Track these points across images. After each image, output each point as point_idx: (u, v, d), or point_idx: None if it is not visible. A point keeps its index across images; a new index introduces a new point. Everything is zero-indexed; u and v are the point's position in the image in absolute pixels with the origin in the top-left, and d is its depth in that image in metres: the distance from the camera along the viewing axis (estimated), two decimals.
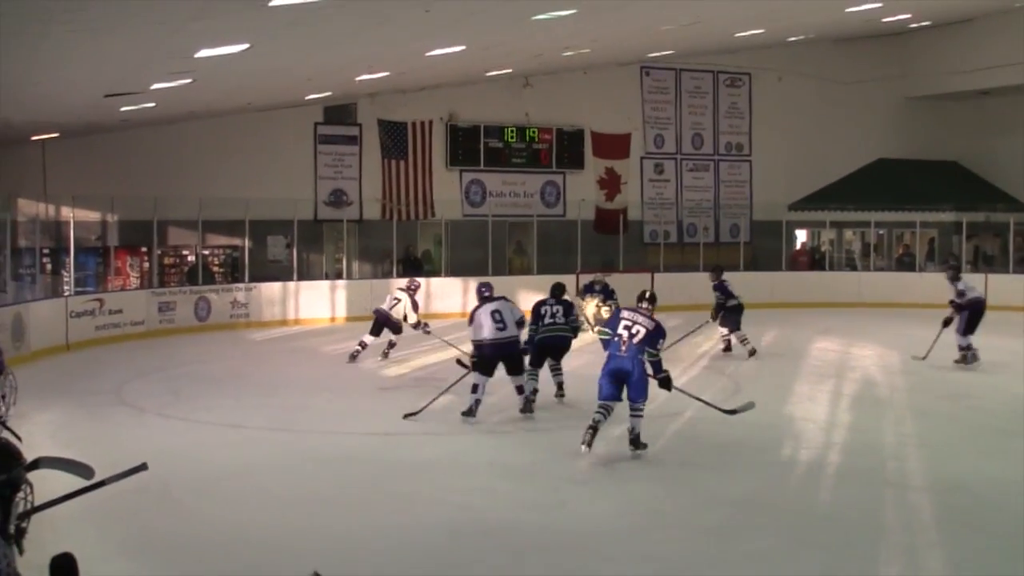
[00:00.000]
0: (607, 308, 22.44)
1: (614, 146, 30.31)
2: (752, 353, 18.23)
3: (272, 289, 23.98)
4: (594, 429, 10.89)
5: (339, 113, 26.96)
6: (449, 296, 25.50)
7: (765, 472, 10.51)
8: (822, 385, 15.70)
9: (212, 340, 21.08)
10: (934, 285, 25.25)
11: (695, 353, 19.14)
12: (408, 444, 11.72)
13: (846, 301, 27.43)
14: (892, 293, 27.61)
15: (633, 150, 30.63)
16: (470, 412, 12.81)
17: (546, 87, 28.92)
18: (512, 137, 28.81)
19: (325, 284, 24.99)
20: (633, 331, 11.03)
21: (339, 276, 26.11)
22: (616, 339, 11.08)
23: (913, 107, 33.22)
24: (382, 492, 9.69)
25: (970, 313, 17.09)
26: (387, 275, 25.94)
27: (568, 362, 14.82)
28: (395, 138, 27.44)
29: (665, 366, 11.27)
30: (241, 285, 23.65)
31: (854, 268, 31.83)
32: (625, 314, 11.31)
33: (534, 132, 29.04)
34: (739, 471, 10.51)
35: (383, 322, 18.13)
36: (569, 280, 23.32)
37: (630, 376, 10.99)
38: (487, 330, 13.17)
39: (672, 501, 9.39)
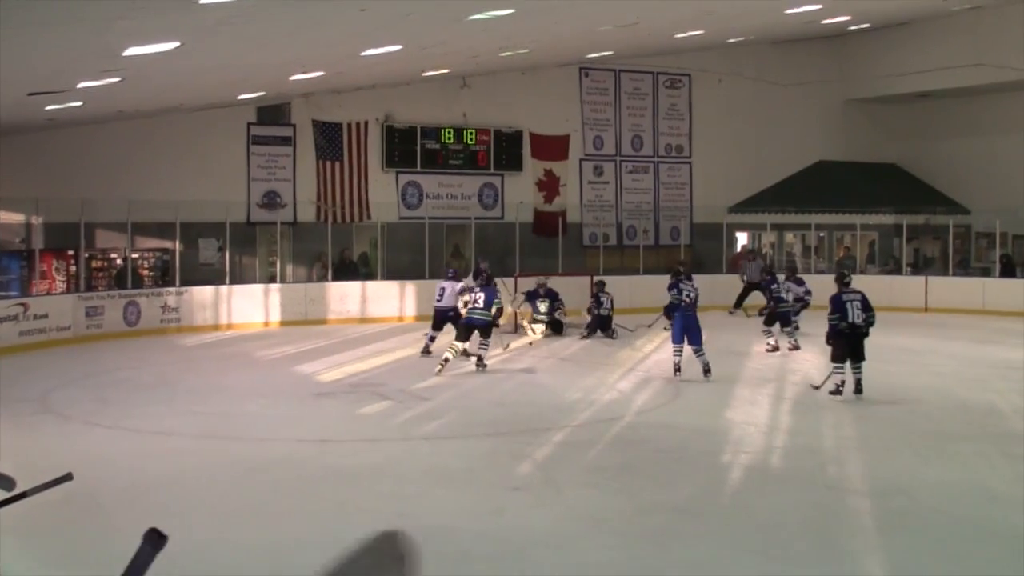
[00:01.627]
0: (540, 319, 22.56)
1: (553, 148, 30.39)
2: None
3: (204, 293, 23.76)
4: (679, 365, 16.45)
5: (272, 113, 26.79)
6: (385, 300, 25.44)
7: (705, 477, 10.59)
8: (763, 389, 15.83)
9: (142, 346, 20.87)
10: (874, 288, 25.57)
11: (636, 356, 19.28)
12: (343, 451, 11.68)
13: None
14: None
15: (572, 152, 30.72)
16: (424, 351, 18.67)
17: (484, 88, 28.95)
18: (449, 138, 28.78)
19: (258, 288, 24.81)
20: (693, 296, 16.64)
21: (272, 280, 25.90)
22: (683, 303, 16.51)
23: (853, 109, 33.67)
24: (316, 500, 9.65)
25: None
26: (321, 279, 25.84)
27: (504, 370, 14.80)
28: (330, 139, 27.33)
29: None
30: (172, 289, 23.41)
31: (794, 271, 32.12)
32: (683, 284, 16.71)
33: (472, 133, 29.03)
34: (679, 476, 10.58)
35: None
36: (508, 283, 23.36)
37: (694, 326, 16.44)
38: (435, 299, 19.00)
39: (611, 508, 9.42)
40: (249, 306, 24.20)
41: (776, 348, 19.72)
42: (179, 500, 9.65)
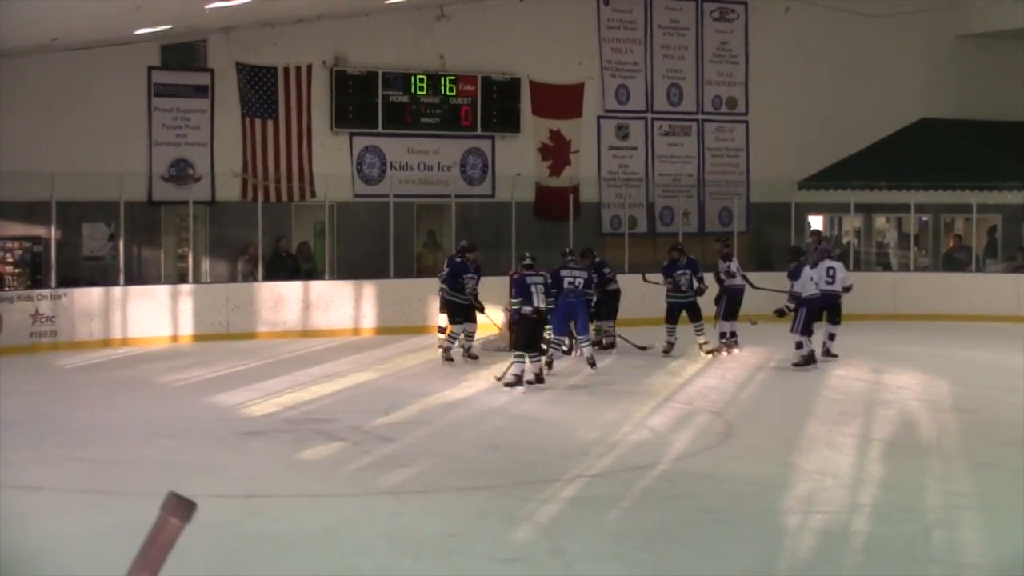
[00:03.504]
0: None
1: (561, 101, 30.38)
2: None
3: (89, 297, 23.72)
4: (552, 361, 19.80)
5: (182, 54, 26.74)
6: (335, 306, 25.37)
7: (766, 546, 10.54)
8: (844, 427, 15.81)
9: (3, 367, 20.79)
10: (996, 290, 25.65)
11: (674, 382, 19.26)
12: (278, 509, 11.65)
13: (877, 311, 27.70)
14: (939, 301, 27.89)
15: (587, 107, 30.72)
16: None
17: (468, 20, 28.96)
18: (421, 88, 28.72)
19: (163, 290, 24.78)
20: (578, 284, 20.05)
21: (183, 279, 25.87)
22: (567, 289, 19.86)
23: (968, 49, 33.61)
24: None
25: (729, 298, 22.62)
26: (248, 278, 25.77)
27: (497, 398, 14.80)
28: (260, 89, 27.27)
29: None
30: (45, 291, 23.35)
31: (888, 267, 32.13)
32: (564, 271, 19.99)
33: (451, 82, 29.00)
34: (730, 544, 10.54)
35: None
36: (501, 284, 23.32)
37: (581, 311, 20.25)
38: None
39: None
40: (151, 314, 24.14)
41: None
42: None
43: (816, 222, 32.53)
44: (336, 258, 27.07)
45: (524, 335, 18.51)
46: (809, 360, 20.31)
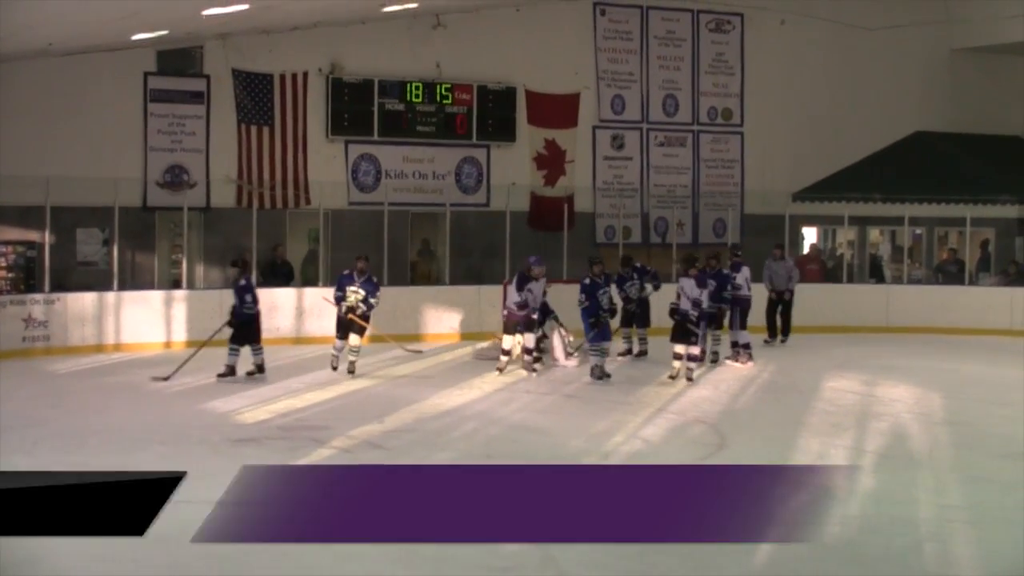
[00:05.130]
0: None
1: (557, 111, 30.37)
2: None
3: (83, 302, 23.68)
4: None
5: (178, 60, 26.72)
6: (329, 314, 25.23)
7: (759, 556, 10.53)
8: (837, 439, 15.82)
9: None
10: (989, 303, 25.68)
11: (667, 392, 19.22)
12: None
13: (871, 324, 27.70)
14: (932, 313, 27.88)
15: (583, 117, 30.70)
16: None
17: (465, 29, 28.92)
18: (417, 96, 28.69)
19: (157, 296, 24.76)
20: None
21: (177, 285, 25.88)
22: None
23: (963, 63, 33.60)
24: None
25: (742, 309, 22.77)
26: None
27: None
28: (256, 96, 27.24)
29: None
30: (39, 296, 23.33)
31: (881, 279, 32.12)
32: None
33: (447, 90, 28.99)
34: (723, 555, 10.52)
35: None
36: (495, 292, 23.27)
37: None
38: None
39: None
40: (144, 320, 24.13)
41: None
42: None
43: (810, 234, 32.57)
44: (330, 265, 27.03)
45: (247, 332, 20.56)
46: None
